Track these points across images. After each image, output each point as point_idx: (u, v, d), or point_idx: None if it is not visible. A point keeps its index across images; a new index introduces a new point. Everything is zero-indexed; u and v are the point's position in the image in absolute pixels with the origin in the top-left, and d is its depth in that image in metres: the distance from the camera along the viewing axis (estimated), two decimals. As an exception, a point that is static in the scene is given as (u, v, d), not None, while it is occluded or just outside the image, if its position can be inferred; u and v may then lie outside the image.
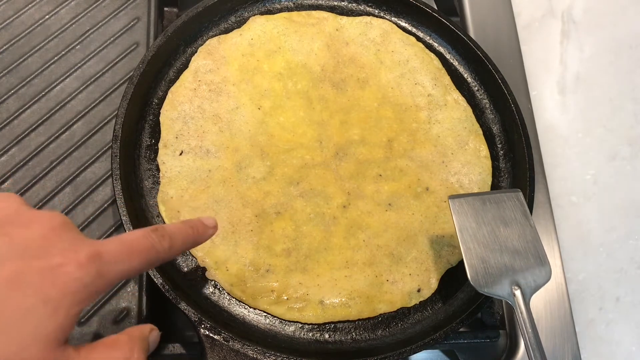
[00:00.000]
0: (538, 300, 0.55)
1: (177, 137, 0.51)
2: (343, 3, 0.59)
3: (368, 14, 0.60)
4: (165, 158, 0.51)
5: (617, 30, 0.71)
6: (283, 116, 0.53)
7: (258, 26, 0.56)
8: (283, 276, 0.47)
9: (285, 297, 0.47)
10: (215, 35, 0.57)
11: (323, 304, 0.47)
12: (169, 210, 0.49)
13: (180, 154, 0.51)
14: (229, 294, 0.47)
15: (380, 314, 0.48)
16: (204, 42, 0.56)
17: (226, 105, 0.53)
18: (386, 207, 0.50)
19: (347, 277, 0.48)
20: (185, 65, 0.55)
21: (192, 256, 0.48)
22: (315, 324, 0.47)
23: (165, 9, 0.64)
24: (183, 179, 0.50)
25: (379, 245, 0.49)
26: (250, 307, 0.47)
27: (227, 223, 0.48)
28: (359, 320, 0.48)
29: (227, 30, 0.57)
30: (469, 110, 0.56)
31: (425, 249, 0.50)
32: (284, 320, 0.47)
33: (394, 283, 0.48)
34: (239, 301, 0.47)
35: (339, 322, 0.48)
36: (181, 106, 0.52)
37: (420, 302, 0.49)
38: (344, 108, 0.54)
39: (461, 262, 0.50)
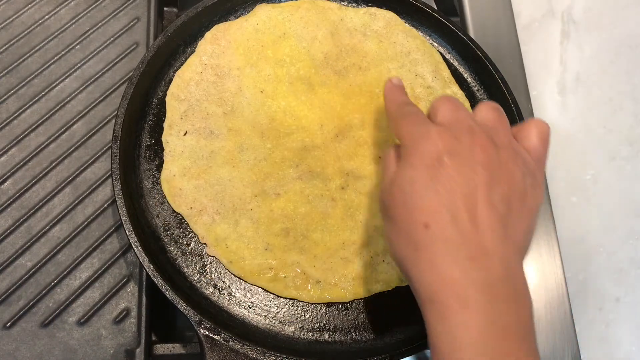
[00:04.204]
0: (538, 300, 0.55)
1: (181, 118, 0.52)
2: (343, 3, 0.59)
3: (368, 13, 0.60)
4: (170, 138, 0.51)
5: (617, 30, 0.71)
6: (285, 100, 0.54)
7: (264, 12, 0.57)
8: (281, 255, 0.48)
9: (283, 275, 0.48)
10: (215, 35, 0.57)
11: (320, 284, 0.48)
12: (171, 188, 0.50)
13: (185, 134, 0.51)
14: (228, 294, 0.48)
15: (381, 314, 0.48)
16: (204, 42, 0.56)
17: (230, 88, 0.53)
18: None
19: (344, 258, 0.49)
20: (185, 65, 0.55)
21: (193, 257, 0.48)
22: (315, 325, 0.47)
23: (165, 9, 0.64)
24: (186, 158, 0.51)
25: (376, 225, 0.50)
26: (250, 307, 0.47)
27: (228, 202, 0.49)
28: (359, 320, 0.48)
29: (227, 30, 0.57)
30: (467, 103, 0.56)
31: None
32: (283, 321, 0.47)
33: (389, 263, 0.49)
34: (239, 278, 0.48)
35: (339, 320, 0.48)
36: (187, 88, 0.53)
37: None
38: (345, 93, 0.55)
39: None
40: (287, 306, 0.48)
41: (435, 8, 0.60)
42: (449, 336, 0.32)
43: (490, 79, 0.56)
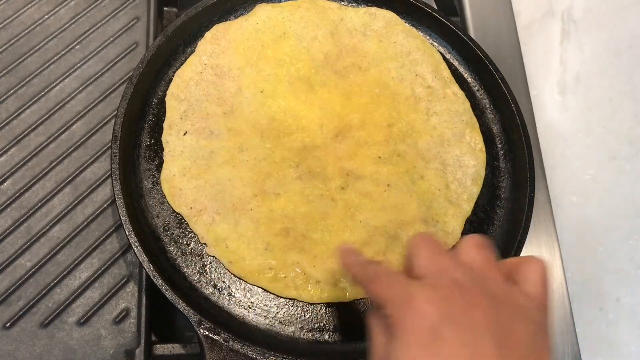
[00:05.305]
0: (538, 301, 0.55)
1: (181, 118, 0.52)
2: (343, 3, 0.59)
3: (368, 13, 0.60)
4: (170, 138, 0.51)
5: (617, 30, 0.71)
6: (285, 100, 0.54)
7: (264, 12, 0.57)
8: (281, 255, 0.48)
9: (283, 275, 0.48)
10: (215, 35, 0.57)
11: (320, 284, 0.48)
12: (171, 187, 0.50)
13: (184, 134, 0.51)
14: (228, 294, 0.48)
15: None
16: (204, 42, 0.56)
17: (230, 88, 0.54)
18: (385, 188, 0.51)
19: None
20: (185, 65, 0.55)
21: (192, 257, 0.48)
22: (315, 325, 0.47)
23: (165, 8, 0.64)
24: (186, 158, 0.51)
25: (375, 226, 0.50)
26: (250, 307, 0.47)
27: (228, 202, 0.49)
28: (358, 320, 0.48)
29: (227, 30, 0.57)
30: (467, 103, 0.56)
31: (422, 229, 0.50)
32: (283, 321, 0.47)
33: (390, 263, 0.49)
34: (238, 278, 0.48)
35: (339, 320, 0.48)
36: (187, 88, 0.53)
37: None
38: (345, 93, 0.55)
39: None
40: (287, 306, 0.48)
41: (435, 8, 0.60)
42: None
43: (490, 79, 0.56)
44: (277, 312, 0.48)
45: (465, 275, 0.32)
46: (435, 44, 0.59)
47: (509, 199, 0.53)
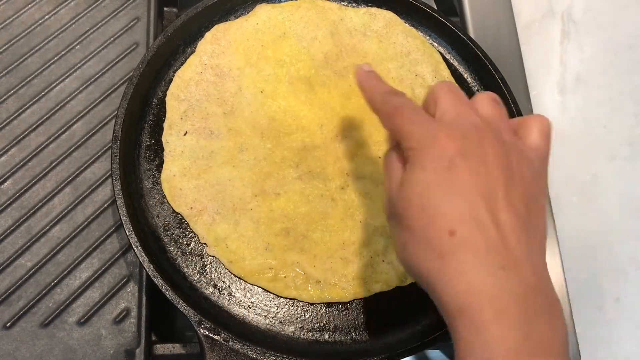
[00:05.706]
0: (538, 301, 0.55)
1: (181, 118, 0.52)
2: (343, 3, 0.59)
3: (368, 14, 0.60)
4: (170, 138, 0.51)
5: (617, 30, 0.71)
6: (285, 100, 0.54)
7: (264, 12, 0.57)
8: (281, 255, 0.48)
9: (283, 275, 0.48)
10: (215, 35, 0.57)
11: (320, 284, 0.48)
12: (171, 187, 0.50)
13: (185, 134, 0.51)
14: (228, 294, 0.48)
15: (381, 314, 0.48)
16: (204, 42, 0.56)
17: (230, 88, 0.54)
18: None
19: (344, 258, 0.49)
20: (185, 65, 0.55)
21: (192, 257, 0.48)
22: (315, 325, 0.47)
23: (165, 9, 0.64)
24: (186, 158, 0.51)
25: (375, 226, 0.50)
26: (250, 307, 0.47)
27: (228, 202, 0.49)
28: (359, 320, 0.48)
29: (227, 30, 0.57)
30: None
31: None
32: (283, 321, 0.47)
33: (390, 263, 0.49)
34: (239, 278, 0.48)
35: (339, 320, 0.48)
36: (187, 88, 0.53)
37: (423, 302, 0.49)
38: (345, 93, 0.55)
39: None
40: (287, 306, 0.48)
41: (435, 8, 0.60)
42: (482, 350, 0.29)
43: (490, 79, 0.56)
44: (277, 312, 0.48)
45: (482, 121, 0.36)
46: (435, 44, 0.59)
47: (508, 199, 0.53)
